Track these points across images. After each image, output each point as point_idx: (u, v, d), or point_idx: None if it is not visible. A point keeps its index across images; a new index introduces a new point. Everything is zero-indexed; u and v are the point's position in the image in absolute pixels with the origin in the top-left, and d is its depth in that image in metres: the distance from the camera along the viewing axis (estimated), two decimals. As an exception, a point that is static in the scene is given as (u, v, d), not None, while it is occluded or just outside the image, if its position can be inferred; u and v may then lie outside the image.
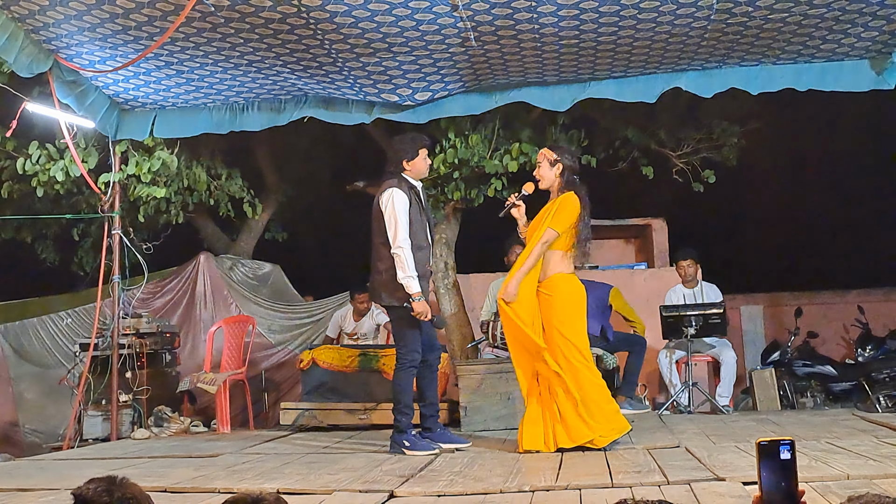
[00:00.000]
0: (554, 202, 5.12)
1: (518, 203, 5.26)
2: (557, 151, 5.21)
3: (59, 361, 8.31)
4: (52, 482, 4.44)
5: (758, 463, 1.64)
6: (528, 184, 5.28)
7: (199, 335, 8.49)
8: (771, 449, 1.64)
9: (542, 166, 5.18)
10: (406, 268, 5.06)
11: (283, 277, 9.47)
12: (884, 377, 7.39)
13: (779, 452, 1.64)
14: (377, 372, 6.82)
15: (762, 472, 1.64)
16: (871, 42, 5.80)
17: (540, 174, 5.19)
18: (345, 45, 5.65)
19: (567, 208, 5.02)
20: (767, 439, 1.64)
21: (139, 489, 1.93)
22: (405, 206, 5.13)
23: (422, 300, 5.10)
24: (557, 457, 4.69)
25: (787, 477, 1.64)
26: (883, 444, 4.55)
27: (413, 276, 5.07)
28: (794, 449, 1.64)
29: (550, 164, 5.14)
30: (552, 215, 5.03)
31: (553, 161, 5.14)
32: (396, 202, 5.12)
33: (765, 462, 1.64)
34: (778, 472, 1.64)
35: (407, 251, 5.08)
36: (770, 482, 1.64)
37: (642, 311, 8.49)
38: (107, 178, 7.14)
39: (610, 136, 8.31)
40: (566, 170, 5.13)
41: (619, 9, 5.22)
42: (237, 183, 8.70)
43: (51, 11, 5.21)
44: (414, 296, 5.07)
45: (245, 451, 5.57)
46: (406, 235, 5.09)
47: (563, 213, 5.01)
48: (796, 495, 1.63)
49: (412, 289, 5.06)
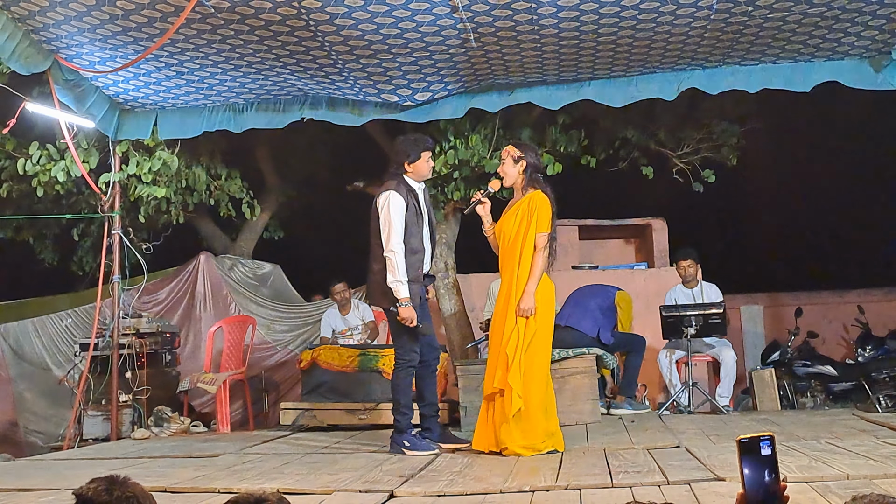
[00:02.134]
0: (522, 202, 5.07)
1: (483, 200, 5.21)
2: (521, 148, 5.18)
3: (59, 361, 8.31)
4: (52, 482, 4.44)
5: (739, 460, 1.65)
6: (494, 181, 5.27)
7: (199, 335, 8.50)
8: (751, 445, 1.65)
9: (505, 163, 5.15)
10: (396, 272, 5.04)
11: (283, 277, 9.48)
12: (884, 377, 7.39)
13: (759, 448, 1.64)
14: (377, 372, 6.82)
15: (744, 470, 1.65)
16: (870, 41, 5.80)
17: (503, 171, 5.17)
18: (345, 47, 5.65)
19: (543, 208, 4.99)
20: (747, 436, 1.65)
21: (140, 488, 1.93)
22: (401, 209, 5.09)
23: (408, 306, 5.04)
24: (557, 457, 4.69)
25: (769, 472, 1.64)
26: (883, 444, 4.54)
27: (402, 280, 5.04)
28: (774, 444, 1.64)
29: (514, 160, 5.11)
30: (535, 220, 4.98)
31: (517, 158, 5.10)
32: (392, 205, 5.08)
33: (746, 459, 1.65)
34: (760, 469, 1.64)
35: (398, 256, 5.05)
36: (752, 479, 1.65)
37: (642, 311, 8.50)
38: (107, 178, 7.14)
39: (610, 136, 8.31)
40: (529, 167, 5.10)
41: (619, 10, 5.23)
42: (237, 183, 8.70)
43: (51, 12, 5.21)
44: (401, 300, 5.03)
45: (245, 451, 5.57)
46: (399, 240, 5.06)
47: (544, 215, 4.99)
48: (779, 490, 1.64)
49: (400, 293, 5.03)
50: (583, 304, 7.02)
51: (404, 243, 5.07)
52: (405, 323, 5.06)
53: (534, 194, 5.04)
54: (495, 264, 5.27)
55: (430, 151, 5.32)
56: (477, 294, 8.68)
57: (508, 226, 5.09)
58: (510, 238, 5.07)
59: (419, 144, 5.25)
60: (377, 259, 5.19)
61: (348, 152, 9.89)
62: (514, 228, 5.05)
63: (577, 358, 6.51)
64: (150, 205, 7.89)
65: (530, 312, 4.90)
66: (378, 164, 9.19)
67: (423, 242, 5.20)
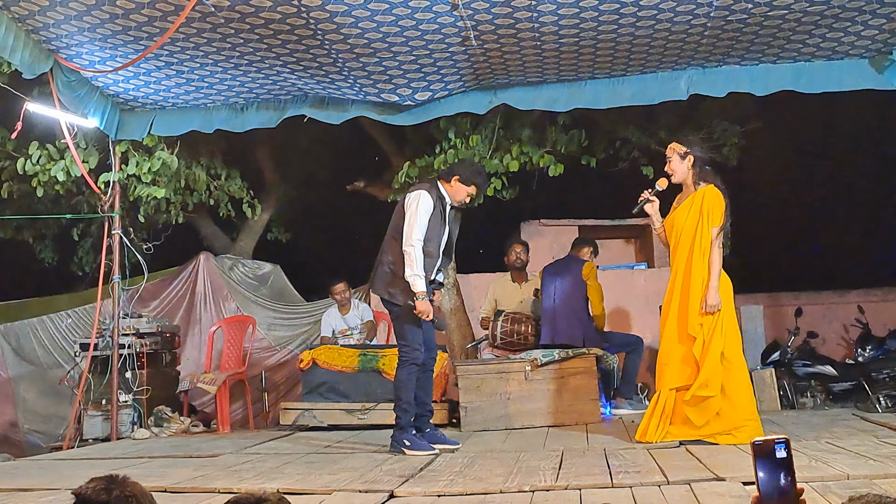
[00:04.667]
0: (696, 196, 5.12)
1: (652, 199, 5.27)
2: (686, 144, 5.21)
3: (59, 361, 8.31)
4: (52, 482, 4.44)
5: (754, 463, 1.64)
6: (662, 179, 5.30)
7: (199, 335, 8.50)
8: (766, 448, 1.63)
9: (672, 161, 5.19)
10: (414, 266, 5.12)
11: (283, 277, 9.48)
12: (884, 377, 7.38)
13: (774, 451, 1.63)
14: (377, 372, 6.82)
15: (759, 473, 1.64)
16: (870, 41, 5.80)
17: (671, 168, 5.20)
18: (345, 45, 5.65)
19: (717, 203, 5.05)
20: (762, 438, 1.64)
21: (140, 487, 1.92)
22: (429, 209, 5.21)
23: (425, 300, 5.13)
24: (557, 457, 4.69)
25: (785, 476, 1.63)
26: (883, 444, 4.54)
27: (420, 275, 5.11)
28: (790, 447, 1.63)
29: (681, 157, 5.15)
30: (707, 214, 5.04)
31: (683, 154, 5.15)
32: (422, 202, 5.20)
33: (761, 462, 1.64)
34: (775, 472, 1.63)
35: (418, 251, 5.14)
36: (767, 482, 1.63)
37: (642, 311, 8.50)
38: (107, 178, 7.14)
39: (610, 136, 8.31)
40: (697, 161, 5.15)
41: (619, 6, 5.23)
42: (237, 183, 8.70)
43: (51, 12, 5.21)
44: (418, 294, 5.11)
45: (245, 451, 5.57)
46: (420, 236, 5.16)
47: (716, 210, 5.05)
48: (795, 494, 1.63)
49: (417, 287, 5.11)
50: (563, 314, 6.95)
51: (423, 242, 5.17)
52: (422, 316, 5.15)
53: (707, 189, 5.10)
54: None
55: (477, 191, 5.45)
56: (477, 294, 8.68)
57: (681, 220, 5.16)
58: (681, 232, 5.12)
59: (474, 178, 5.36)
60: (391, 252, 5.28)
61: (348, 152, 9.89)
62: (685, 223, 5.11)
63: (578, 358, 6.51)
64: (150, 205, 7.89)
65: (717, 308, 4.96)
66: (378, 164, 9.21)
67: (438, 249, 5.30)
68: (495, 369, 6.41)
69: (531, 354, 6.55)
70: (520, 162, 7.47)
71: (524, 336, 7.05)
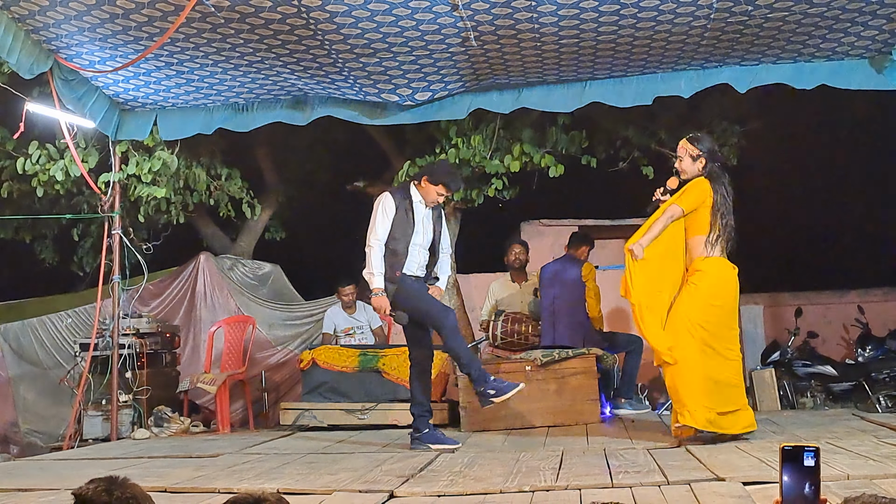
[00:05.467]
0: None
1: (663, 198, 5.28)
2: (700, 146, 5.20)
3: (59, 361, 8.30)
4: (52, 482, 4.44)
5: (780, 467, 1.63)
6: (672, 178, 5.31)
7: (199, 335, 8.49)
8: (795, 454, 1.62)
9: (683, 160, 5.20)
10: (368, 264, 5.33)
11: (283, 277, 9.46)
12: (884, 377, 7.38)
13: (803, 459, 1.62)
14: (377, 372, 6.83)
15: (784, 477, 1.63)
16: (871, 41, 5.80)
17: (681, 167, 5.21)
18: (345, 46, 5.65)
19: (693, 190, 5.08)
20: (792, 444, 1.63)
21: (139, 489, 1.93)
22: (391, 210, 5.36)
23: (381, 296, 5.28)
24: (557, 457, 4.69)
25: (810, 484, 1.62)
26: (883, 444, 4.54)
27: (374, 273, 5.30)
28: (819, 457, 1.62)
29: (693, 158, 5.15)
30: (680, 195, 5.10)
31: (696, 156, 5.15)
32: (382, 204, 5.39)
33: (787, 467, 1.63)
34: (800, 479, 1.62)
35: (374, 251, 5.31)
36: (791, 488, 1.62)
37: (642, 311, 8.46)
38: (107, 178, 7.14)
39: (610, 136, 8.30)
40: (709, 164, 5.16)
41: (619, 7, 5.23)
42: (237, 183, 8.69)
43: (51, 12, 5.21)
44: (373, 290, 5.30)
45: (245, 451, 5.57)
46: (379, 237, 5.33)
47: (689, 194, 5.08)
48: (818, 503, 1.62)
49: (373, 283, 5.31)
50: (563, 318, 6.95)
51: (386, 245, 5.33)
52: (378, 312, 5.50)
53: (696, 179, 5.13)
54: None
55: (448, 192, 5.56)
56: (477, 294, 8.67)
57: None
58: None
59: (442, 177, 5.46)
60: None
61: (348, 152, 9.89)
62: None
63: (577, 358, 6.51)
64: (150, 205, 7.88)
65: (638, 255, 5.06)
66: (378, 164, 9.21)
67: (407, 248, 5.40)
68: (495, 369, 6.41)
69: (531, 354, 6.55)
70: (521, 162, 7.47)
71: (524, 336, 7.05)
